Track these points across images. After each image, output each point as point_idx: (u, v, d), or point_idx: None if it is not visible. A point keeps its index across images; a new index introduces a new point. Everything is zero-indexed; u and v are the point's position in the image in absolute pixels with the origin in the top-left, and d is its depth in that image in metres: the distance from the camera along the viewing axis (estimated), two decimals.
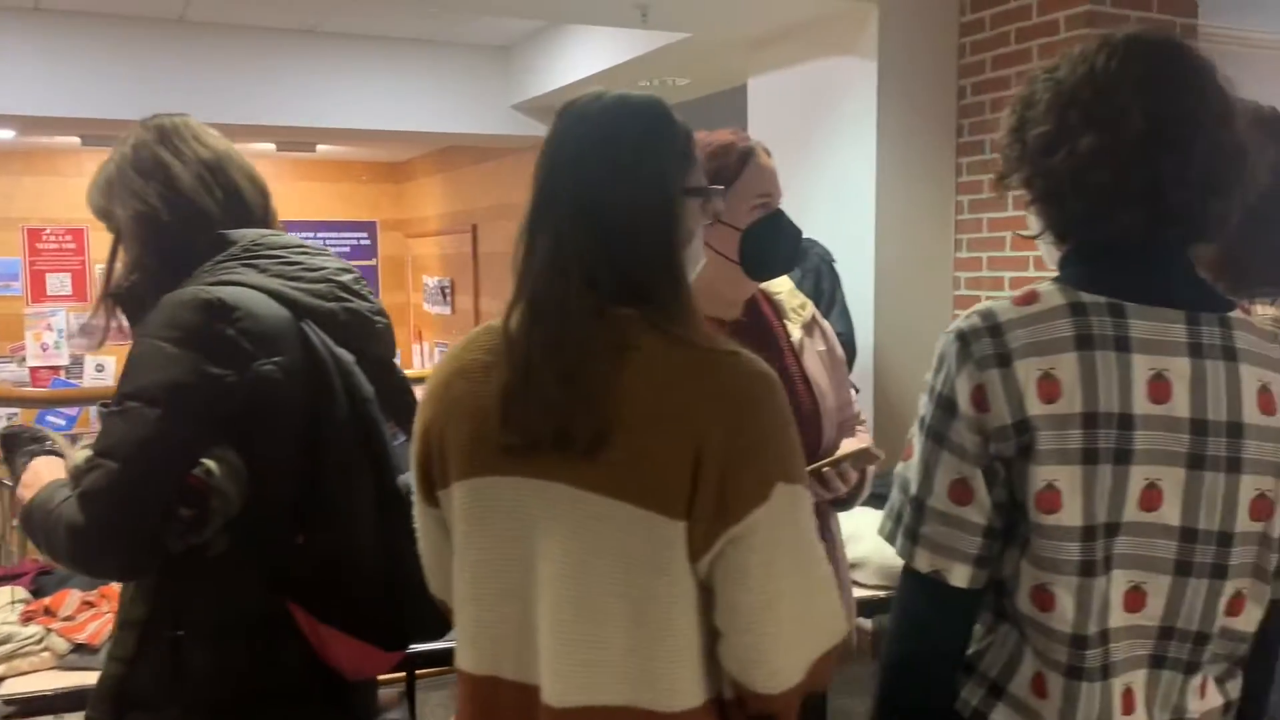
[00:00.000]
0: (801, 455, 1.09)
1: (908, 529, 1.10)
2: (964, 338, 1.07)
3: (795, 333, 1.80)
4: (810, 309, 1.87)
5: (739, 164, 1.69)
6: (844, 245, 3.78)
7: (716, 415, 1.02)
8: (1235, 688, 1.13)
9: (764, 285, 1.83)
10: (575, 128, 1.12)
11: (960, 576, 1.07)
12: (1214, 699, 1.11)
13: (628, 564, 1.03)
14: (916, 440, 1.10)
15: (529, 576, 1.08)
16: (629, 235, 1.07)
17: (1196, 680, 1.09)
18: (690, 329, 1.07)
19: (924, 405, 1.11)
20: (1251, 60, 7.98)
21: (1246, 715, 1.16)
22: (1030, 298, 1.07)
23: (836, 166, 4.02)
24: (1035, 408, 1.02)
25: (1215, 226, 1.09)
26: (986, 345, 1.05)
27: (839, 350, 1.90)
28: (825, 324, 1.91)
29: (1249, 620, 1.09)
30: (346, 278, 1.50)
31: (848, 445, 1.74)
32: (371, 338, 1.47)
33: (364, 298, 1.50)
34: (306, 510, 1.37)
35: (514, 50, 6.38)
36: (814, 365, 1.79)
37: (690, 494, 1.01)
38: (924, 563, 1.08)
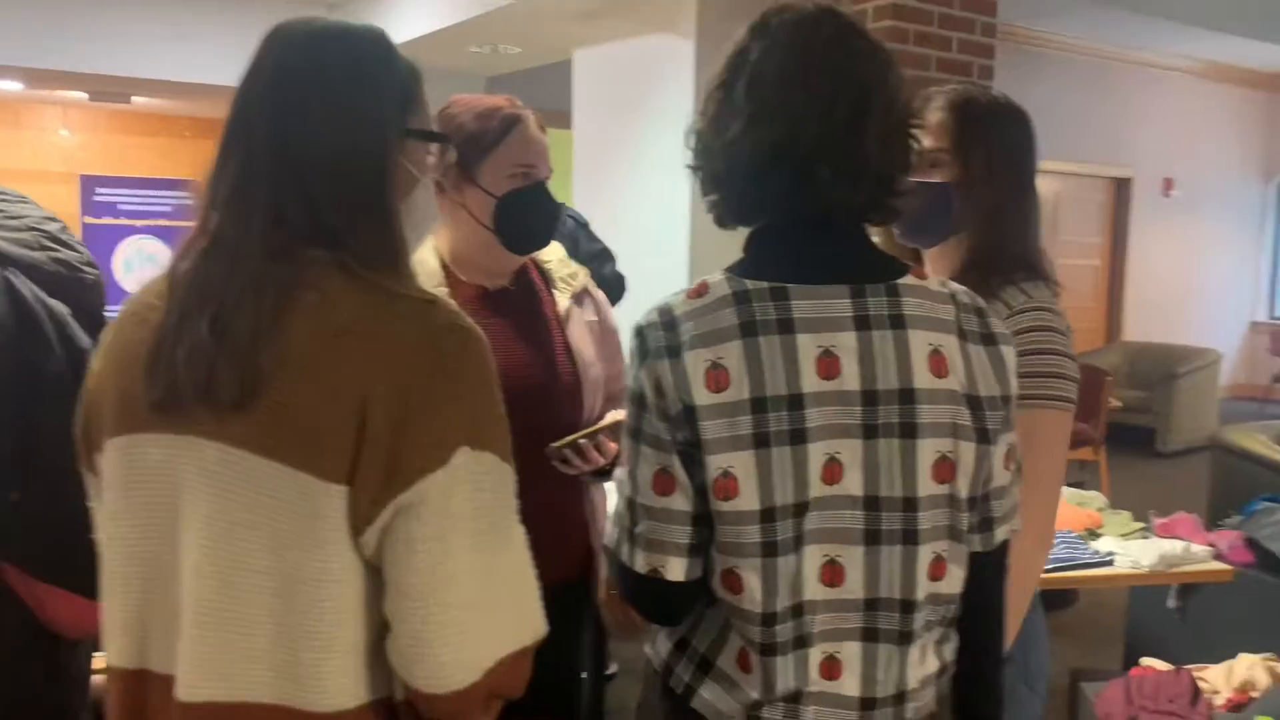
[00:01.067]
0: (503, 422, 1.00)
1: (626, 531, 1.10)
2: (641, 333, 1.09)
3: (563, 302, 1.81)
4: (582, 278, 1.88)
5: (502, 129, 1.67)
6: (662, 225, 3.83)
7: (392, 366, 0.92)
8: (950, 650, 1.17)
9: (536, 254, 1.83)
10: (281, 51, 1.01)
11: (676, 570, 1.07)
12: (930, 664, 1.13)
13: (276, 534, 0.92)
14: (625, 441, 1.11)
15: (176, 550, 0.96)
16: (328, 172, 0.97)
17: (914, 651, 1.11)
18: (389, 276, 0.97)
19: (626, 404, 1.11)
20: (1045, 59, 8.49)
21: (971, 672, 1.19)
22: (701, 290, 1.08)
23: (657, 145, 4.06)
24: (702, 397, 1.03)
25: (884, 209, 1.11)
26: (660, 338, 1.06)
27: (612, 320, 1.92)
28: (599, 294, 1.93)
29: (953, 582, 1.11)
30: (52, 226, 1.41)
31: (611, 417, 1.76)
32: (83, 289, 1.40)
33: (72, 248, 1.41)
34: (20, 465, 1.30)
35: (341, 9, 6.18)
36: (579, 335, 1.80)
37: (354, 454, 0.91)
38: (642, 563, 1.08)
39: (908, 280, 1.11)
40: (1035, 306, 1.45)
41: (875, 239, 1.16)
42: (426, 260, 1.73)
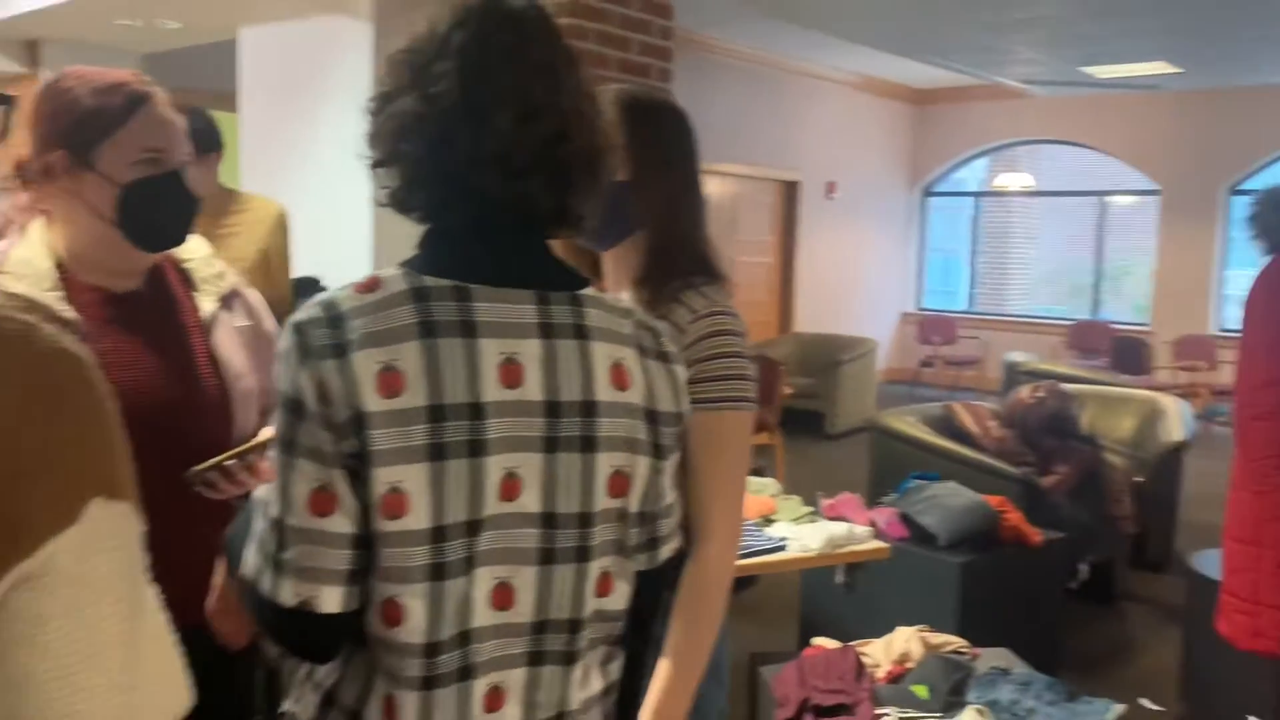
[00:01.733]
0: (130, 464, 0.82)
1: (270, 559, 0.97)
2: (301, 329, 0.96)
3: (207, 306, 1.61)
4: (231, 279, 1.69)
5: (127, 109, 1.46)
6: (341, 218, 3.63)
7: None
8: (616, 668, 1.13)
9: (175, 252, 1.62)
10: None
11: (331, 601, 0.95)
12: (595, 684, 1.09)
13: None
14: (273, 455, 0.98)
15: None
16: None
17: (578, 671, 1.06)
18: None
19: (275, 414, 0.98)
20: (721, 66, 8.96)
21: (626, 689, 1.17)
22: (373, 284, 0.98)
23: (333, 130, 3.84)
24: (374, 403, 0.93)
25: (575, 218, 1.06)
26: (324, 336, 0.95)
27: (268, 324, 1.74)
28: (253, 296, 1.74)
29: (619, 598, 1.08)
30: None
31: (266, 433, 1.59)
32: None
33: None
34: None
35: None
36: (227, 343, 1.61)
37: None
38: (289, 595, 0.96)
39: (590, 291, 1.06)
40: (715, 310, 1.46)
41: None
42: (34, 260, 1.48)
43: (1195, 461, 5.60)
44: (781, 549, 2.71)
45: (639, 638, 1.17)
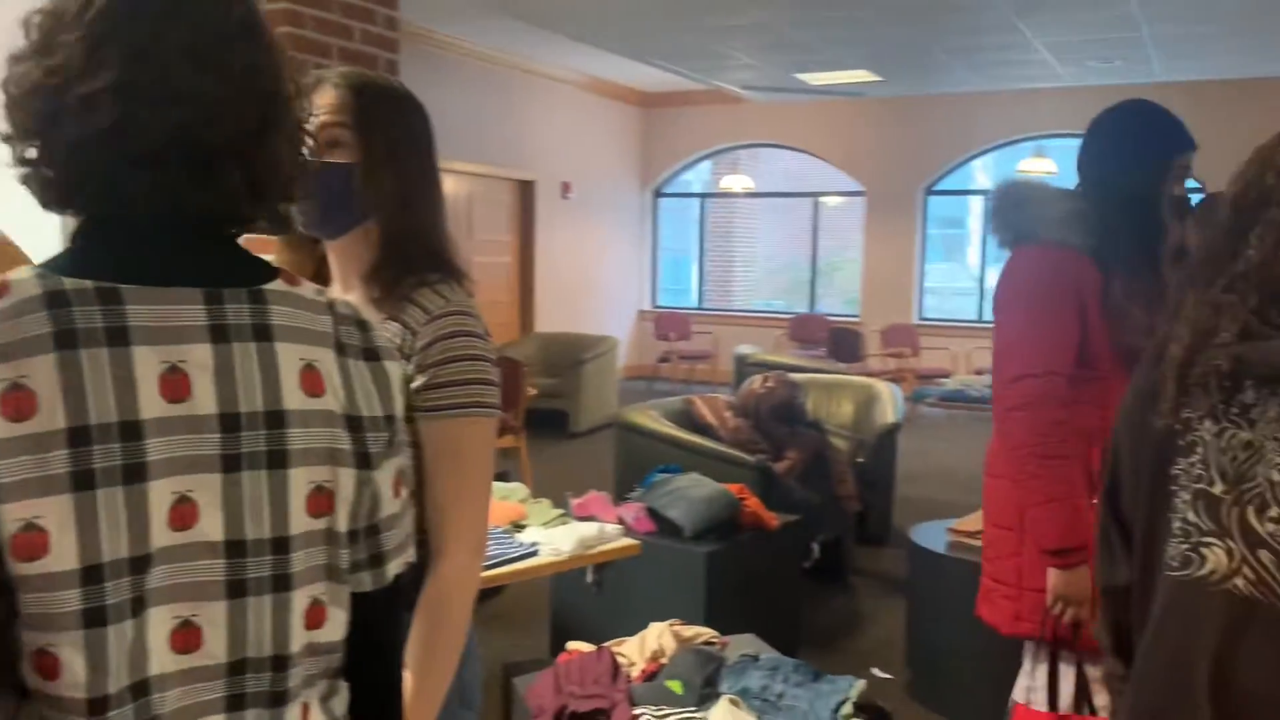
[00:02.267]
0: None
1: None
2: None
3: None
4: None
5: None
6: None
7: None
8: (341, 703, 1.02)
9: None
10: None
11: None
12: None
13: None
14: None
15: None
16: None
17: (292, 711, 0.95)
18: None
19: None
20: (451, 63, 8.81)
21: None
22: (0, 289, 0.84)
23: None
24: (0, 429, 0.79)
25: (278, 214, 0.95)
26: None
27: None
28: None
29: (334, 629, 0.97)
30: None
31: None
32: None
33: None
34: None
35: None
36: None
37: None
38: None
39: (276, 286, 0.93)
40: (453, 310, 1.36)
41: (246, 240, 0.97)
42: None
43: (906, 441, 6.06)
44: (534, 554, 2.64)
45: (379, 664, 1.06)
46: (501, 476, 3.72)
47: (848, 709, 2.30)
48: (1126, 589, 1.73)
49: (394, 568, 1.03)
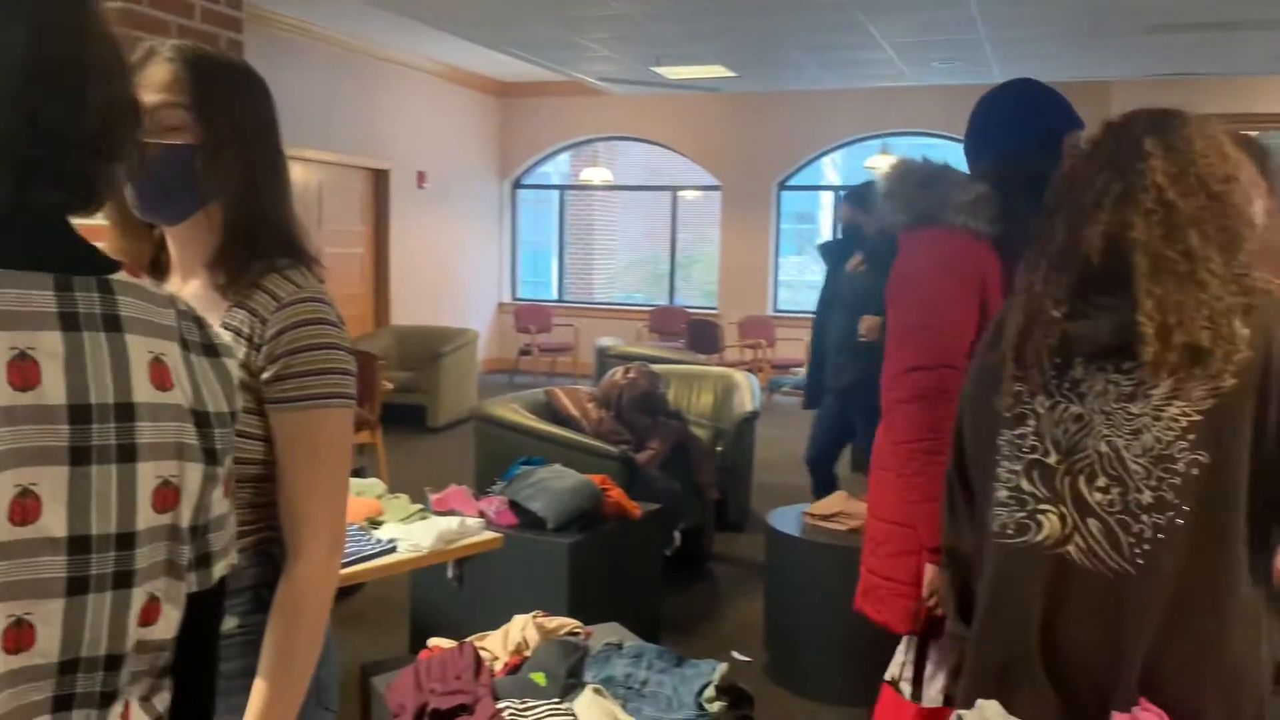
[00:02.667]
0: None
1: None
2: None
3: None
4: None
5: None
6: None
7: None
8: (163, 700, 0.99)
9: None
10: None
11: None
12: None
13: None
14: None
15: None
16: None
17: (116, 710, 0.91)
18: None
19: None
20: (299, 46, 8.52)
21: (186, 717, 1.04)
22: None
23: None
24: None
25: (93, 193, 0.90)
26: None
27: None
28: None
29: (167, 626, 0.94)
30: None
31: None
32: None
33: None
34: None
35: None
36: None
37: None
38: None
39: (121, 276, 0.89)
40: (306, 298, 1.31)
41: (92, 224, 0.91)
42: None
43: (763, 429, 6.19)
44: (392, 550, 2.58)
45: (197, 665, 1.03)
46: (357, 473, 3.61)
47: (710, 692, 2.34)
48: (968, 554, 1.81)
49: (219, 569, 1.01)
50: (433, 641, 2.60)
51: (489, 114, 11.68)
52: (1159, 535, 1.49)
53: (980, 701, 1.60)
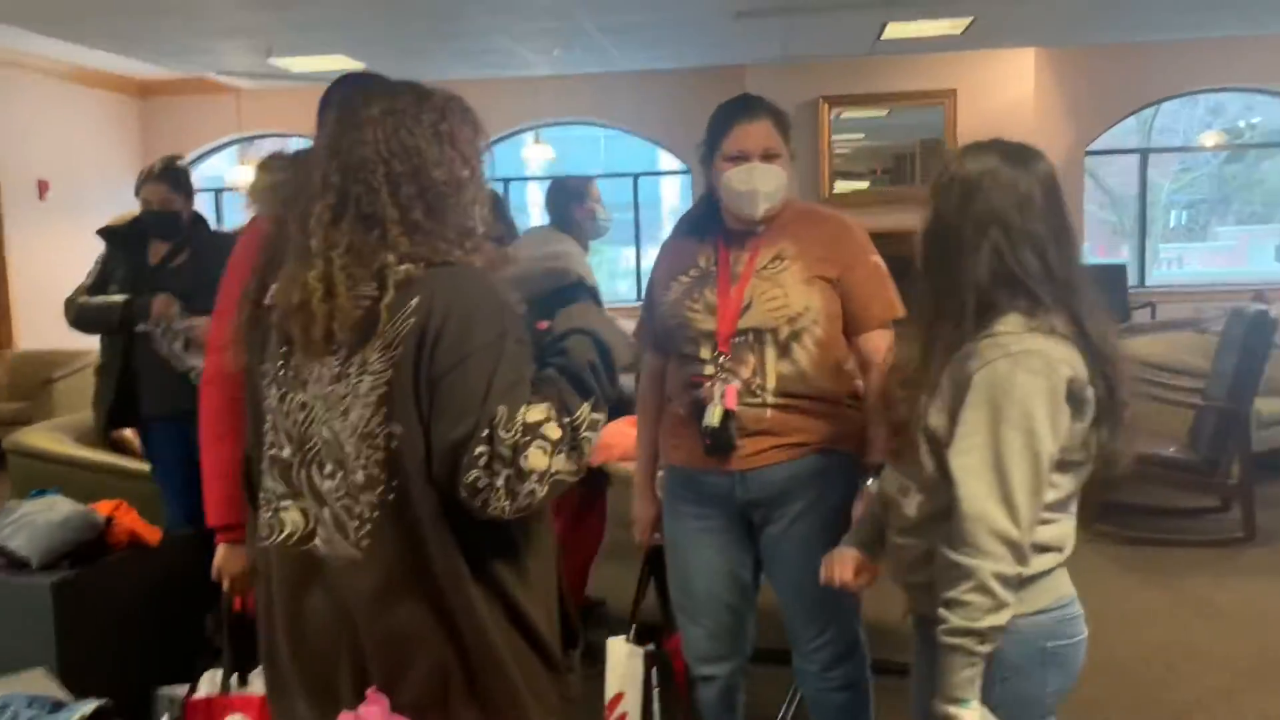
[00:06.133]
0: None
1: None
2: None
3: None
4: None
5: None
6: None
7: None
8: None
9: None
10: None
11: None
12: None
13: None
14: None
15: None
16: None
17: None
18: None
19: None
20: None
21: None
22: None
23: None
24: None
25: None
26: None
27: None
28: None
29: None
30: None
31: None
32: None
33: None
34: None
35: None
36: None
37: None
38: None
39: None
40: None
41: None
42: None
43: None
44: None
45: None
46: None
47: None
48: None
49: None
50: None
51: (128, 116, 10.79)
52: (375, 514, 1.45)
53: None
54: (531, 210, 11.60)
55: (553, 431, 1.40)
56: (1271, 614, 4.11)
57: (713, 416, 2.20)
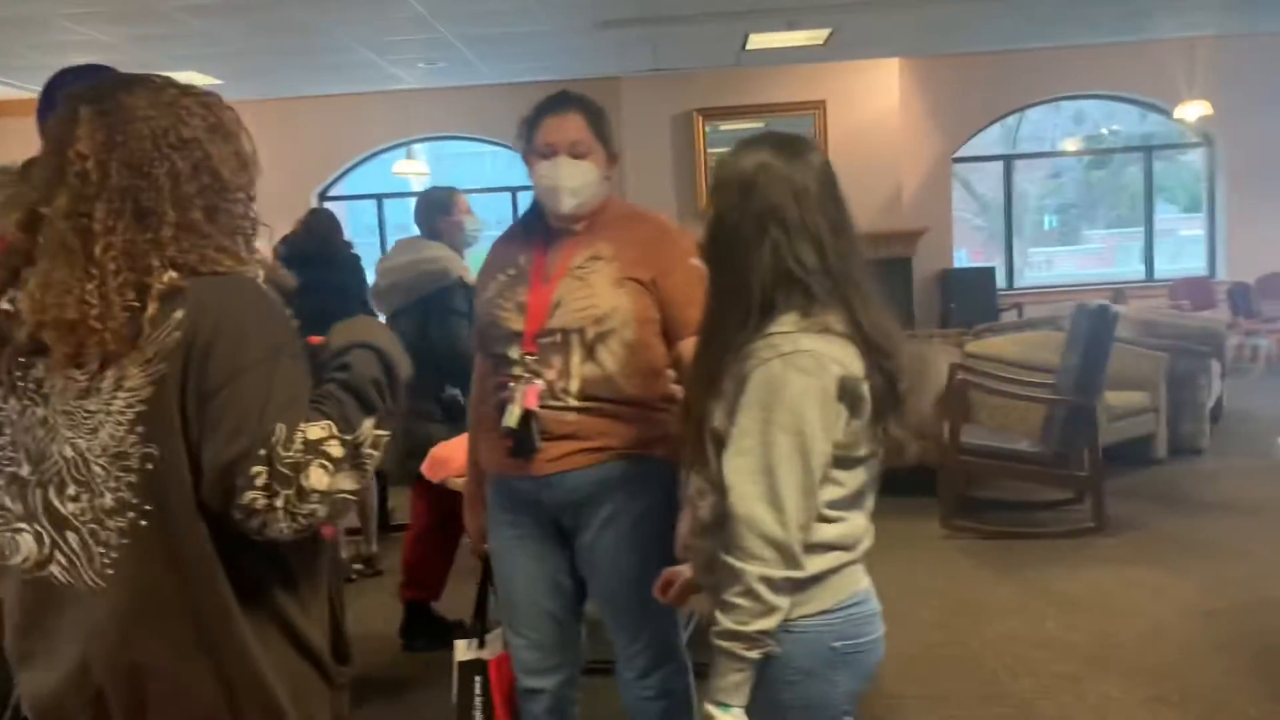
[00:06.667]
0: None
1: None
2: None
3: None
4: None
5: None
6: None
7: None
8: None
9: None
10: None
11: None
12: None
13: None
14: None
15: None
16: None
17: None
18: None
19: None
20: None
21: None
22: None
23: None
24: None
25: None
26: None
27: None
28: None
29: None
30: None
31: None
32: None
33: None
34: None
35: None
36: None
37: None
38: None
39: None
40: None
41: None
42: None
43: None
44: None
45: None
46: None
47: None
48: None
49: None
50: None
51: None
52: (124, 540, 1.35)
53: None
54: (408, 227, 11.40)
55: (334, 449, 1.33)
56: (1116, 601, 4.23)
57: (510, 417, 2.14)
